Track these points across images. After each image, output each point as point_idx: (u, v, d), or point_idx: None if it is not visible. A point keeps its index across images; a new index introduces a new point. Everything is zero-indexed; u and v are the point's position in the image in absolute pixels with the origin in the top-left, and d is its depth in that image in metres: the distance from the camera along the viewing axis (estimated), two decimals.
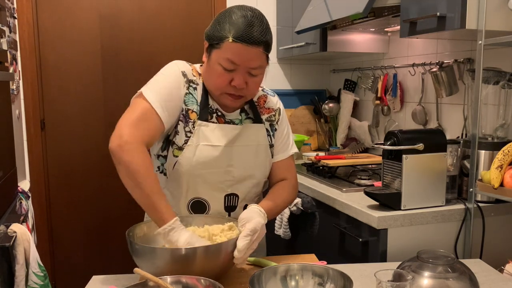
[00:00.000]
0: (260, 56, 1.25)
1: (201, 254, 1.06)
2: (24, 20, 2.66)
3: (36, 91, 2.74)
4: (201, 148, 1.29)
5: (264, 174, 1.40)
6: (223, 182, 1.33)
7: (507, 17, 1.55)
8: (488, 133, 1.73)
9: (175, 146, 1.31)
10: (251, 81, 1.27)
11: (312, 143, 3.01)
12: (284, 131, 1.46)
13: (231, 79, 1.25)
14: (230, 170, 1.33)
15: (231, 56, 1.22)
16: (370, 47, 2.56)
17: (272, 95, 1.48)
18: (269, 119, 1.43)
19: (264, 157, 1.39)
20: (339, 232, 1.79)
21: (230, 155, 1.32)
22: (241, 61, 1.23)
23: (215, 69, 1.26)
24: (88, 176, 2.89)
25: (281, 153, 1.44)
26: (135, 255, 1.12)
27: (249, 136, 1.36)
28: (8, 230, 1.51)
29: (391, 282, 0.96)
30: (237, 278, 1.20)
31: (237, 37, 1.20)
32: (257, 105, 1.42)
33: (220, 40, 1.22)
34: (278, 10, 3.05)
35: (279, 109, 1.47)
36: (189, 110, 1.31)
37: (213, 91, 1.31)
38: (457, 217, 1.61)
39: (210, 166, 1.31)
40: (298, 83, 3.21)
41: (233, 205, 1.36)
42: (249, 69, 1.25)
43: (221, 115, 1.35)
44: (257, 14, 1.24)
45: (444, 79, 2.05)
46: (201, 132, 1.30)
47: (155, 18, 2.90)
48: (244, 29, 1.20)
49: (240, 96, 1.29)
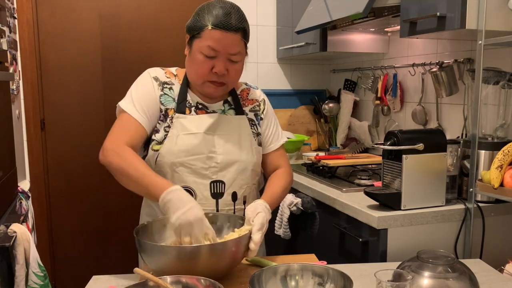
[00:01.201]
0: (239, 43, 1.32)
1: (208, 252, 1.07)
2: (24, 20, 2.66)
3: (36, 91, 2.74)
4: (182, 137, 1.34)
5: (250, 160, 1.42)
6: (207, 169, 1.36)
7: (507, 17, 1.55)
8: (488, 133, 1.73)
9: (154, 142, 1.36)
10: (231, 68, 1.34)
11: (312, 143, 3.01)
12: (272, 122, 1.53)
13: (212, 66, 1.31)
14: (212, 156, 1.36)
15: (211, 43, 1.28)
16: (370, 47, 2.56)
17: (255, 89, 1.55)
18: (253, 109, 1.49)
19: (248, 145, 1.42)
20: (339, 232, 1.79)
21: (211, 142, 1.36)
22: (221, 47, 1.29)
23: (197, 58, 1.32)
24: (88, 176, 2.89)
25: (273, 143, 1.51)
26: (143, 253, 1.12)
27: (231, 126, 1.41)
28: (8, 230, 1.51)
29: (391, 282, 0.96)
30: (237, 278, 1.20)
31: (215, 24, 1.27)
32: (240, 97, 1.48)
33: (200, 30, 1.30)
34: (278, 10, 3.05)
35: (264, 100, 1.53)
36: (168, 109, 1.37)
37: (195, 80, 1.37)
38: (457, 217, 1.61)
39: (192, 152, 1.34)
40: (298, 83, 3.21)
41: (220, 192, 1.38)
42: (229, 55, 1.31)
43: (202, 107, 1.40)
44: (234, 5, 1.33)
45: (444, 79, 2.05)
46: (179, 123, 1.35)
47: (155, 18, 2.90)
48: (222, 17, 1.28)
49: (222, 83, 1.35)
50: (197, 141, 1.35)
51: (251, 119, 1.46)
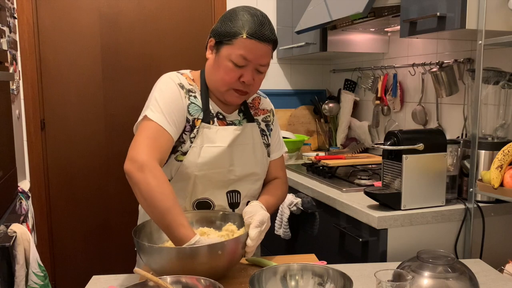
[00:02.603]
0: (269, 54, 1.30)
1: (207, 252, 1.07)
2: (24, 20, 2.66)
3: (36, 91, 2.74)
4: (205, 149, 1.31)
5: (263, 170, 1.44)
6: (225, 181, 1.36)
7: (507, 17, 1.55)
8: (488, 133, 1.73)
9: (179, 153, 1.31)
10: (257, 78, 1.32)
11: (312, 143, 3.01)
12: (278, 131, 1.52)
13: (241, 75, 1.28)
14: (232, 169, 1.35)
15: (244, 52, 1.25)
16: (370, 47, 2.56)
17: (264, 97, 1.53)
18: (265, 120, 1.48)
19: (261, 155, 1.42)
20: (339, 232, 1.79)
21: (231, 155, 1.35)
22: (253, 57, 1.26)
23: (225, 65, 1.28)
24: (88, 176, 2.89)
25: (275, 152, 1.50)
26: (142, 254, 1.12)
27: (246, 134, 1.39)
28: (8, 230, 1.51)
29: (391, 282, 0.96)
30: (237, 278, 1.20)
31: (251, 33, 1.24)
32: (252, 106, 1.46)
33: (233, 37, 1.25)
34: (278, 10, 3.05)
35: (272, 110, 1.52)
36: (195, 119, 1.32)
37: (219, 87, 1.32)
38: (457, 217, 1.61)
39: (215, 166, 1.32)
40: (298, 83, 3.21)
41: (236, 202, 1.39)
42: (258, 65, 1.29)
43: (222, 118, 1.37)
44: (264, 15, 1.30)
45: (444, 79, 2.05)
46: (205, 134, 1.31)
47: (155, 18, 2.90)
48: (257, 27, 1.25)
49: (246, 92, 1.33)
50: (220, 154, 1.32)
51: (262, 129, 1.45)
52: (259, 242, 1.20)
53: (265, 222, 1.21)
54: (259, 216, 1.20)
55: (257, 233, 1.17)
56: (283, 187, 1.48)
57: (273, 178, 1.49)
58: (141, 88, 2.78)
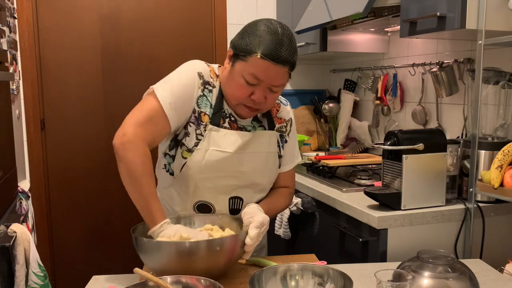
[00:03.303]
0: (285, 75, 1.24)
1: (206, 248, 1.07)
2: (24, 20, 2.66)
3: (36, 91, 2.74)
4: (211, 152, 1.29)
5: (270, 181, 1.41)
6: (229, 186, 1.34)
7: (507, 17, 1.55)
8: (488, 133, 1.73)
9: (185, 148, 1.30)
10: (270, 96, 1.27)
11: (312, 143, 3.01)
12: (294, 143, 1.47)
13: (252, 92, 1.24)
14: (238, 176, 1.33)
15: (256, 71, 1.21)
16: (370, 47, 2.56)
17: (285, 104, 1.46)
18: (280, 130, 1.42)
19: (272, 165, 1.39)
20: (339, 232, 1.79)
21: (240, 161, 1.32)
22: (266, 78, 1.22)
23: (237, 80, 1.24)
24: (88, 176, 2.89)
25: (288, 164, 1.46)
26: (140, 250, 1.12)
27: (261, 142, 1.35)
28: (8, 230, 1.51)
29: (391, 282, 0.96)
30: (237, 278, 1.20)
31: (265, 54, 1.18)
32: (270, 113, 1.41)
33: (247, 53, 1.21)
34: (278, 10, 3.05)
35: (291, 119, 1.46)
36: (202, 112, 1.29)
37: (230, 100, 1.30)
38: (457, 217, 1.61)
39: (219, 170, 1.30)
40: (298, 83, 3.21)
41: (238, 208, 1.37)
42: (271, 86, 1.24)
43: (234, 120, 1.34)
44: (287, 33, 1.22)
45: (444, 79, 2.05)
46: (212, 137, 1.29)
47: (155, 18, 2.89)
48: (274, 47, 1.19)
49: (257, 109, 1.29)
50: (225, 159, 1.29)
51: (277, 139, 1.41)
52: (257, 243, 1.19)
53: (264, 224, 1.20)
54: (260, 218, 1.20)
55: (257, 233, 1.16)
56: (288, 196, 1.46)
57: (281, 186, 1.46)
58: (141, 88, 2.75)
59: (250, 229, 1.16)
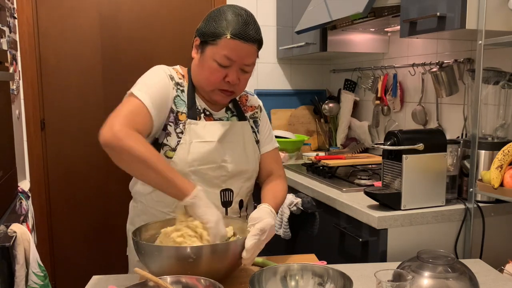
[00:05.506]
0: (254, 53, 1.31)
1: (208, 254, 1.06)
2: (24, 20, 2.66)
3: (36, 91, 2.74)
4: (195, 145, 1.31)
5: (254, 168, 1.43)
6: (218, 177, 1.35)
7: (507, 17, 1.55)
8: (488, 133, 1.73)
9: (168, 148, 1.32)
10: (242, 77, 1.32)
11: (312, 143, 3.01)
12: (267, 125, 1.52)
13: (225, 75, 1.29)
14: (224, 166, 1.35)
15: (228, 52, 1.26)
16: (370, 47, 2.56)
17: (252, 95, 1.53)
18: (253, 116, 1.48)
19: (252, 152, 1.42)
20: (339, 232, 1.79)
21: (223, 151, 1.35)
22: (237, 58, 1.27)
23: (209, 65, 1.29)
24: (88, 176, 2.89)
25: (267, 145, 1.49)
26: (141, 254, 1.11)
27: (236, 132, 1.40)
28: (8, 230, 1.51)
29: (391, 282, 0.96)
30: (237, 278, 1.20)
31: (234, 34, 1.24)
32: (239, 103, 1.47)
33: (216, 37, 1.26)
34: (278, 10, 3.05)
35: (260, 106, 1.53)
36: (179, 112, 1.33)
37: (205, 87, 1.34)
38: (457, 217, 1.61)
39: (206, 161, 1.32)
40: (298, 83, 3.21)
41: (229, 201, 1.38)
42: (243, 65, 1.30)
43: (209, 114, 1.38)
44: (250, 14, 1.30)
45: (444, 79, 2.05)
46: (192, 130, 1.32)
47: (155, 18, 2.89)
48: (241, 27, 1.25)
49: (232, 92, 1.34)
50: (210, 149, 1.32)
51: (251, 126, 1.46)
52: (258, 251, 1.15)
53: (266, 230, 1.15)
54: (260, 224, 1.15)
55: (253, 244, 1.11)
56: (282, 181, 1.45)
57: (268, 172, 1.46)
58: None
59: (247, 239, 1.11)
